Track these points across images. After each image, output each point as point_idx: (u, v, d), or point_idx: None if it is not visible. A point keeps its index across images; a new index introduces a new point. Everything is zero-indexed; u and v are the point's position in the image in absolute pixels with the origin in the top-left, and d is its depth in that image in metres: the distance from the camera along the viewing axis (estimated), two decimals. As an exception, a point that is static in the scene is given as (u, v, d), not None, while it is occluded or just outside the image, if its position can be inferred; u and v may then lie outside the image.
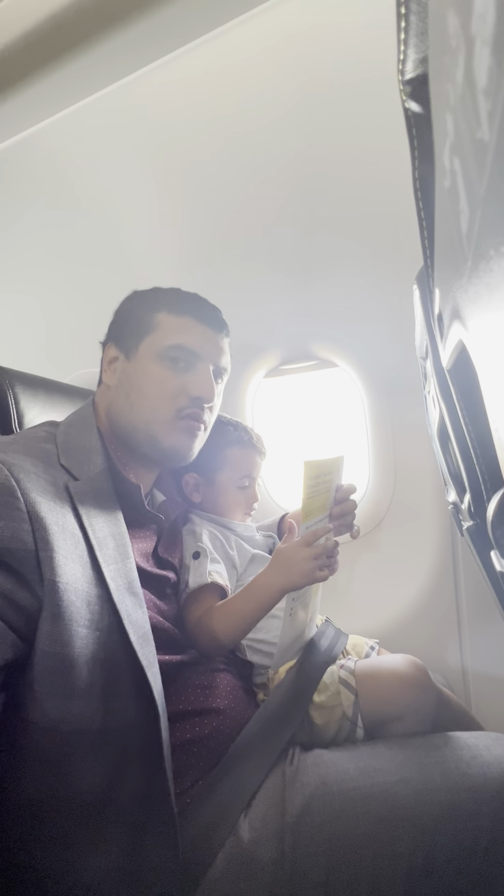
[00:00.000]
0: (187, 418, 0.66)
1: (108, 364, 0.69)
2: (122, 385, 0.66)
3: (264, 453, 0.85)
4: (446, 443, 0.53)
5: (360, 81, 0.76)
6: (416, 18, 0.26)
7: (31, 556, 0.47)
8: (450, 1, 0.13)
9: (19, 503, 0.48)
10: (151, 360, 0.65)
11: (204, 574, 0.69)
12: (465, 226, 0.17)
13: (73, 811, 0.47)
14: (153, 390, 0.64)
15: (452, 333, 0.28)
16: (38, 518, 0.49)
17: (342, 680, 0.65)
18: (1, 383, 0.80)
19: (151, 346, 0.65)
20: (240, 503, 0.83)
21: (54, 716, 0.46)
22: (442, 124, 0.18)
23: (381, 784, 0.53)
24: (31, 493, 0.50)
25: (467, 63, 0.12)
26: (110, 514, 0.58)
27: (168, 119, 0.87)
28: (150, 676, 0.51)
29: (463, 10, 0.11)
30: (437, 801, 0.51)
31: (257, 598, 0.63)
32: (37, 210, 1.05)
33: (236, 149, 0.89)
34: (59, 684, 0.47)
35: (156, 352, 0.65)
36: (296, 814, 0.51)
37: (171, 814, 0.49)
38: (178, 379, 0.65)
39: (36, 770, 0.47)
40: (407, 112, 0.29)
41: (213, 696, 0.61)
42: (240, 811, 0.52)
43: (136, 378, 0.65)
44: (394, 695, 0.63)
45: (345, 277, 1.01)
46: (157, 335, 0.66)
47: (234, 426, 0.84)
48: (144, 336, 0.66)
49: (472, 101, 0.12)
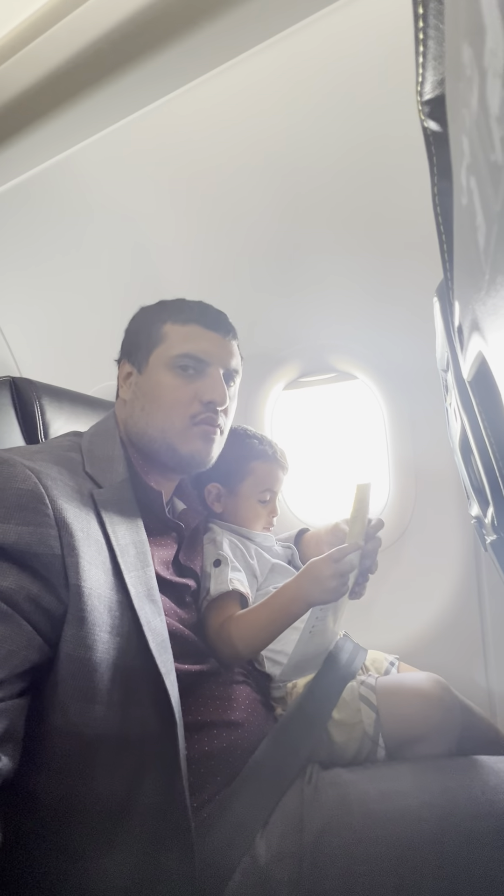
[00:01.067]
0: (202, 423, 0.66)
1: (123, 380, 0.72)
2: (136, 398, 0.68)
3: (287, 468, 0.86)
4: (469, 455, 0.52)
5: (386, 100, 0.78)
6: (433, 43, 0.27)
7: (58, 561, 0.49)
8: (464, 33, 0.13)
9: (47, 509, 0.50)
10: (162, 371, 0.66)
11: (225, 581, 0.69)
12: (482, 241, 0.17)
13: (92, 819, 0.47)
14: (166, 399, 0.66)
15: (472, 345, 0.28)
16: (64, 524, 0.50)
17: (363, 697, 0.64)
18: (28, 395, 0.83)
19: (160, 357, 0.67)
20: (260, 516, 0.83)
21: (76, 720, 0.47)
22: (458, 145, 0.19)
23: (402, 808, 0.51)
24: (59, 500, 0.51)
25: (481, 91, 0.12)
26: (132, 521, 0.59)
27: (192, 142, 0.90)
28: (168, 684, 0.51)
29: (476, 44, 0.12)
30: (462, 829, 0.49)
31: (281, 608, 0.62)
32: (62, 230, 1.10)
33: (260, 168, 0.91)
34: (81, 688, 0.47)
35: (165, 362, 0.66)
36: (314, 835, 0.50)
37: (187, 825, 0.48)
38: (189, 386, 0.66)
39: (56, 777, 0.47)
40: (426, 130, 0.30)
41: (232, 709, 0.61)
42: (257, 829, 0.51)
43: (148, 390, 0.67)
44: (417, 714, 0.61)
45: (365, 290, 1.02)
46: (165, 346, 0.67)
47: (259, 439, 0.85)
48: (153, 348, 0.68)
49: (487, 126, 0.12)
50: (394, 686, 0.65)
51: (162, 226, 1.05)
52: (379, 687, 0.65)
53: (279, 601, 0.62)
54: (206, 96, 0.84)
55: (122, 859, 0.47)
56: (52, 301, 1.23)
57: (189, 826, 0.48)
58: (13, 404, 0.81)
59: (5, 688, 0.43)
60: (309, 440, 1.37)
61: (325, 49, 0.76)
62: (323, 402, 1.34)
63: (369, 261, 0.97)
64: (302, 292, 1.07)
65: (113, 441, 0.66)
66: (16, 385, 0.83)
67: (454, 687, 0.64)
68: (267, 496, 0.82)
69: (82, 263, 1.15)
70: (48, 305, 1.24)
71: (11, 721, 0.43)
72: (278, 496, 0.85)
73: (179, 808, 0.49)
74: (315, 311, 1.09)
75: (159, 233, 1.06)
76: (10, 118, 0.83)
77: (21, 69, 0.75)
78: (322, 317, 1.10)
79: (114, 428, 0.68)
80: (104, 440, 0.66)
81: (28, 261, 1.17)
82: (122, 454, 0.65)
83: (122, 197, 1.02)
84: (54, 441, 0.67)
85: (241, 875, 0.49)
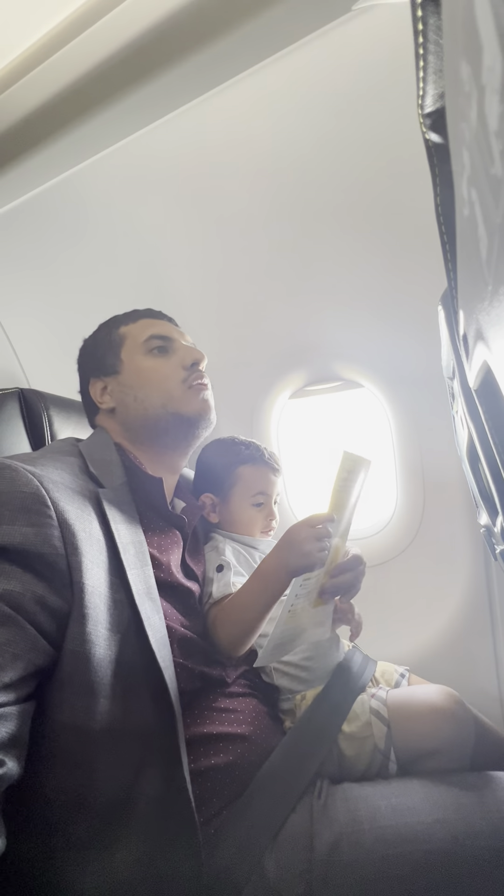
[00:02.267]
0: (193, 384, 0.72)
1: (99, 396, 0.74)
2: (124, 395, 0.71)
3: (278, 470, 0.85)
4: (476, 463, 0.52)
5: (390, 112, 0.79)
6: (433, 58, 0.27)
7: (62, 560, 0.50)
8: (462, 50, 0.13)
9: (49, 511, 0.51)
10: (139, 359, 0.72)
11: (228, 584, 0.69)
12: (484, 252, 0.17)
13: (96, 811, 0.47)
14: (154, 378, 0.70)
15: (477, 354, 0.28)
16: (66, 524, 0.51)
17: (374, 710, 0.63)
18: (37, 406, 0.84)
19: (131, 350, 0.72)
20: (256, 520, 0.82)
21: (80, 714, 0.47)
22: (459, 157, 0.19)
23: (414, 824, 0.50)
24: (60, 502, 0.52)
25: (479, 107, 0.12)
26: (131, 522, 0.61)
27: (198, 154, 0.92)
28: (167, 678, 0.52)
29: (474, 61, 0.12)
30: (476, 846, 0.48)
31: (262, 580, 0.62)
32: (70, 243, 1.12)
33: (266, 179, 0.93)
34: (85, 683, 0.48)
35: (138, 350, 0.72)
36: (324, 852, 0.49)
37: (191, 818, 0.48)
38: (168, 360, 0.72)
39: (60, 772, 0.48)
40: (427, 142, 0.30)
41: (238, 722, 0.60)
42: (265, 845, 0.50)
43: (134, 381, 0.71)
44: (429, 728, 0.60)
45: (371, 298, 1.02)
46: (130, 340, 0.73)
47: (245, 445, 0.85)
48: (119, 349, 0.73)
49: (486, 140, 0.13)
50: (406, 699, 0.64)
51: (169, 236, 1.06)
52: (390, 700, 0.63)
53: (259, 574, 0.63)
54: (213, 110, 0.86)
55: (127, 852, 0.47)
56: (60, 313, 1.25)
57: (194, 821, 0.48)
58: (22, 415, 0.83)
59: (11, 692, 0.44)
60: (315, 449, 1.37)
61: (330, 62, 0.78)
62: (329, 411, 1.34)
63: (375, 268, 0.98)
64: (308, 300, 1.07)
65: (109, 448, 0.68)
66: (24, 396, 0.84)
67: (465, 699, 0.63)
68: (260, 499, 0.82)
69: (90, 275, 1.17)
70: (57, 318, 1.26)
71: (18, 725, 0.43)
72: (275, 500, 0.85)
73: (183, 801, 0.49)
74: (321, 319, 1.09)
75: (166, 244, 1.08)
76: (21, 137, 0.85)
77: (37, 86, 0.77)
78: (328, 325, 1.10)
79: (107, 436, 0.70)
80: (100, 447, 0.68)
81: (37, 274, 1.19)
82: (119, 459, 0.67)
83: (128, 208, 1.04)
84: (54, 446, 0.69)
85: (250, 891, 0.48)
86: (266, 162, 0.91)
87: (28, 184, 0.98)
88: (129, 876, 0.46)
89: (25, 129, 0.84)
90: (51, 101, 0.79)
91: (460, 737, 0.60)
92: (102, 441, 0.69)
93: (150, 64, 0.73)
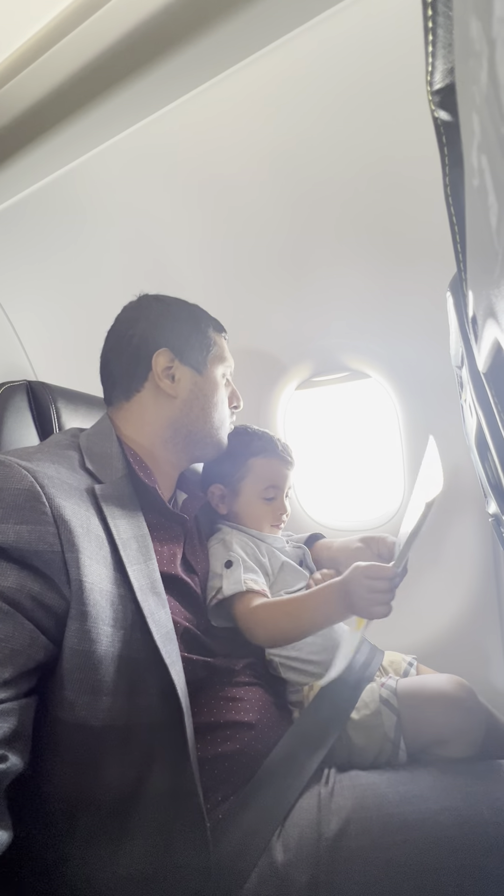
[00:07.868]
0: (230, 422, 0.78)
1: (163, 370, 0.71)
2: (196, 398, 0.72)
3: (291, 463, 0.84)
4: (485, 452, 0.51)
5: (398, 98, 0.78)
6: (442, 31, 0.27)
7: (58, 558, 0.49)
8: (472, 7, 0.13)
9: (45, 507, 0.50)
10: (219, 377, 0.76)
11: (239, 581, 0.68)
12: (494, 221, 0.17)
13: (103, 807, 0.48)
14: (220, 400, 0.75)
15: (487, 333, 0.27)
16: (63, 521, 0.50)
17: (383, 699, 0.62)
18: (44, 398, 0.84)
19: (216, 362, 0.76)
20: (266, 515, 0.81)
21: (84, 712, 0.47)
22: (469, 125, 0.19)
23: (422, 811, 0.50)
24: (56, 498, 0.51)
25: (490, 64, 0.12)
26: (133, 516, 0.60)
27: (203, 147, 0.91)
28: (174, 674, 0.52)
29: (484, 16, 0.11)
30: (484, 834, 0.48)
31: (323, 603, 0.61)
32: (76, 235, 1.12)
33: (272, 170, 0.92)
34: (87, 680, 0.48)
35: (220, 368, 0.76)
36: (331, 837, 0.49)
37: (200, 813, 0.48)
38: (227, 388, 0.78)
39: (66, 769, 0.48)
40: (436, 121, 0.30)
41: (244, 710, 0.61)
42: (273, 831, 0.51)
43: (209, 391, 0.74)
44: (439, 717, 0.59)
45: (377, 287, 1.01)
46: (219, 354, 0.77)
47: (259, 436, 0.83)
48: (207, 353, 0.75)
49: (497, 99, 0.12)
50: (415, 688, 0.63)
51: (175, 230, 1.06)
52: (400, 689, 0.63)
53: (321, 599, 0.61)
54: (216, 102, 0.85)
55: (134, 848, 0.47)
56: (67, 305, 1.26)
57: (202, 814, 0.48)
58: (30, 407, 0.83)
59: (11, 687, 0.44)
60: (322, 440, 1.36)
61: (333, 54, 0.76)
62: (336, 402, 1.33)
63: (382, 258, 0.97)
64: (314, 290, 1.07)
65: (110, 440, 0.67)
66: (32, 389, 0.85)
67: (472, 688, 0.63)
68: (271, 493, 0.80)
69: (96, 268, 1.17)
70: (63, 310, 1.26)
71: (20, 720, 0.43)
72: (287, 494, 0.83)
73: (189, 795, 0.49)
74: (327, 309, 1.09)
75: (172, 237, 1.08)
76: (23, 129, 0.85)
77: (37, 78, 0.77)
78: (334, 315, 1.09)
79: (110, 429, 0.69)
80: (101, 439, 0.67)
81: (43, 266, 1.19)
82: (120, 452, 0.66)
83: (135, 201, 1.04)
84: (53, 439, 0.68)
85: (257, 877, 0.48)
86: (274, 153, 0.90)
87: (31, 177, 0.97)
88: (138, 867, 0.46)
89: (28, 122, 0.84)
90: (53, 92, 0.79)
91: (470, 726, 0.59)
92: (105, 433, 0.68)
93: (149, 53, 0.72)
